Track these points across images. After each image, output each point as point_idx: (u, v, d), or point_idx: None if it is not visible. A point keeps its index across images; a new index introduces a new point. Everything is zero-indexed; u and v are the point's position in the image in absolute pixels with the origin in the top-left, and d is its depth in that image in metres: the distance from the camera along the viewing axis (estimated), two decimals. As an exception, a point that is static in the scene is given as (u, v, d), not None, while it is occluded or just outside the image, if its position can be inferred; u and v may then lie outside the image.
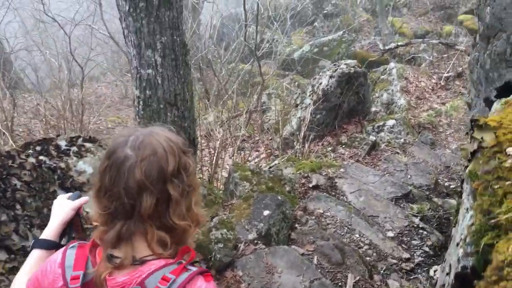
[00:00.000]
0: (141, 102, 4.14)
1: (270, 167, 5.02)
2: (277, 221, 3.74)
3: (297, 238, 3.95)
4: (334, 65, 7.22)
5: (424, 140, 6.77)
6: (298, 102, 7.39)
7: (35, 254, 1.40)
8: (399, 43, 11.67)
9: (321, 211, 4.48)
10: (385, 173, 5.62)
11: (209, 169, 5.22)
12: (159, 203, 1.18)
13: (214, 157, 5.00)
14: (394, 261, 4.04)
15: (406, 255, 4.15)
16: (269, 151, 7.36)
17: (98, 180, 1.22)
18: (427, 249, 4.28)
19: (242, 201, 3.87)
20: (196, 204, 1.27)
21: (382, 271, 3.85)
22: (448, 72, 10.17)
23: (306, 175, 5.05)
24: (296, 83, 12.46)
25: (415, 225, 4.56)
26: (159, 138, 1.22)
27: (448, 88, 8.88)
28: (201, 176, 5.19)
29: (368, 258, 4.04)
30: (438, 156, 6.29)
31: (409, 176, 5.61)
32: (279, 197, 3.91)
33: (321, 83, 7.00)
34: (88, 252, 1.24)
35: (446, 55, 11.61)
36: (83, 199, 1.51)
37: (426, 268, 4.03)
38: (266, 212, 3.72)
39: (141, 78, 4.04)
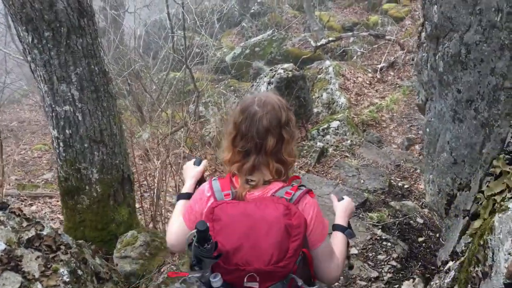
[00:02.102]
0: (61, 144, 3.59)
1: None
2: (234, 261, 3.33)
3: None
4: (271, 70, 6.90)
5: (370, 139, 6.62)
6: (237, 113, 7.00)
7: (181, 203, 1.92)
8: (330, 39, 11.59)
9: (279, 236, 4.13)
10: (338, 181, 5.37)
11: (151, 203, 4.71)
12: (277, 143, 1.67)
13: (155, 190, 4.51)
14: (364, 283, 3.76)
15: (374, 273, 3.89)
16: (213, 167, 6.92)
17: (233, 130, 1.72)
18: (394, 262, 4.04)
19: (192, 242, 3.42)
20: (294, 148, 1.76)
21: (353, 298, 3.55)
22: (381, 63, 10.20)
23: (257, 196, 4.68)
24: (232, 87, 12.08)
25: (378, 237, 4.33)
26: (274, 98, 1.74)
27: (385, 80, 8.85)
28: (143, 213, 4.65)
29: (336, 284, 3.74)
30: (386, 155, 6.15)
31: (362, 181, 5.40)
32: (233, 233, 3.50)
33: (260, 91, 6.66)
34: (229, 180, 1.71)
35: (376, 46, 11.68)
36: (205, 162, 2.08)
37: (397, 286, 3.79)
38: (220, 253, 3.30)
39: (57, 117, 3.49)
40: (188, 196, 1.91)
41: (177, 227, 1.79)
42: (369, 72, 9.18)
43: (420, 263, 4.14)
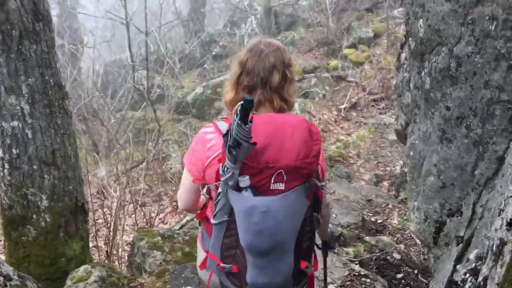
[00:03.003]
0: (6, 165, 3.15)
1: (182, 226, 4.20)
2: (204, 299, 2.94)
3: (230, 316, 3.16)
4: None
5: (339, 174, 6.44)
6: (201, 146, 6.69)
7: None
8: (293, 79, 11.62)
9: (250, 272, 3.76)
10: (310, 215, 5.08)
11: (106, 240, 4.24)
12: (281, 80, 1.80)
13: (112, 225, 4.04)
14: (344, 322, 3.42)
15: (355, 313, 3.56)
16: (175, 203, 6.50)
17: (239, 69, 1.82)
18: (374, 300, 3.74)
19: (155, 278, 3.01)
20: (294, 92, 1.92)
21: None
22: (343, 104, 10.25)
23: (226, 230, 4.32)
24: (193, 126, 11.81)
25: (356, 273, 4.03)
26: (277, 42, 1.91)
27: (349, 119, 8.84)
28: (97, 251, 4.17)
29: (314, 325, 3.37)
30: (357, 190, 5.96)
31: (334, 216, 5.13)
32: (202, 267, 3.11)
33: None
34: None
35: (338, 88, 11.83)
36: None
37: (381, 326, 3.47)
38: (188, 289, 2.90)
39: (3, 134, 3.07)
40: None
41: (183, 179, 1.86)
42: (334, 110, 9.17)
43: (401, 302, 3.86)
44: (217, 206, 1.61)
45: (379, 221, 5.23)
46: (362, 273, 4.00)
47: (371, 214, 5.44)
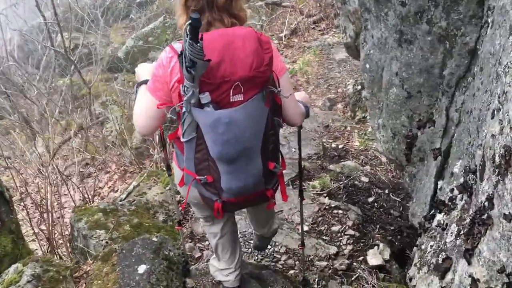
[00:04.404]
0: None
1: (127, 195, 3.71)
2: (162, 274, 2.53)
3: (196, 285, 2.79)
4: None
5: (291, 105, 6.06)
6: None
7: (143, 88, 1.88)
8: (226, 13, 10.91)
9: (213, 230, 3.38)
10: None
11: (45, 225, 3.71)
12: None
13: (47, 207, 3.49)
14: (323, 263, 3.15)
15: (332, 249, 3.29)
16: (122, 168, 5.97)
17: None
18: (351, 231, 3.49)
19: (101, 262, 2.55)
20: (243, 4, 1.83)
21: (316, 286, 2.91)
22: (283, 32, 9.73)
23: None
24: (130, 83, 11.01)
25: (327, 206, 3.75)
26: None
27: (292, 45, 8.36)
28: (37, 241, 3.63)
29: (292, 272, 3.08)
30: (312, 118, 5.61)
31: (293, 149, 4.79)
32: (154, 238, 2.67)
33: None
34: None
35: (274, 16, 11.25)
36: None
37: (362, 258, 3.21)
38: (142, 268, 2.48)
39: None
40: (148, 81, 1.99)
41: (145, 106, 1.81)
42: (275, 39, 8.64)
43: (378, 226, 3.62)
44: (184, 125, 1.70)
45: (340, 146, 4.94)
46: (333, 205, 3.72)
47: (331, 141, 5.13)
